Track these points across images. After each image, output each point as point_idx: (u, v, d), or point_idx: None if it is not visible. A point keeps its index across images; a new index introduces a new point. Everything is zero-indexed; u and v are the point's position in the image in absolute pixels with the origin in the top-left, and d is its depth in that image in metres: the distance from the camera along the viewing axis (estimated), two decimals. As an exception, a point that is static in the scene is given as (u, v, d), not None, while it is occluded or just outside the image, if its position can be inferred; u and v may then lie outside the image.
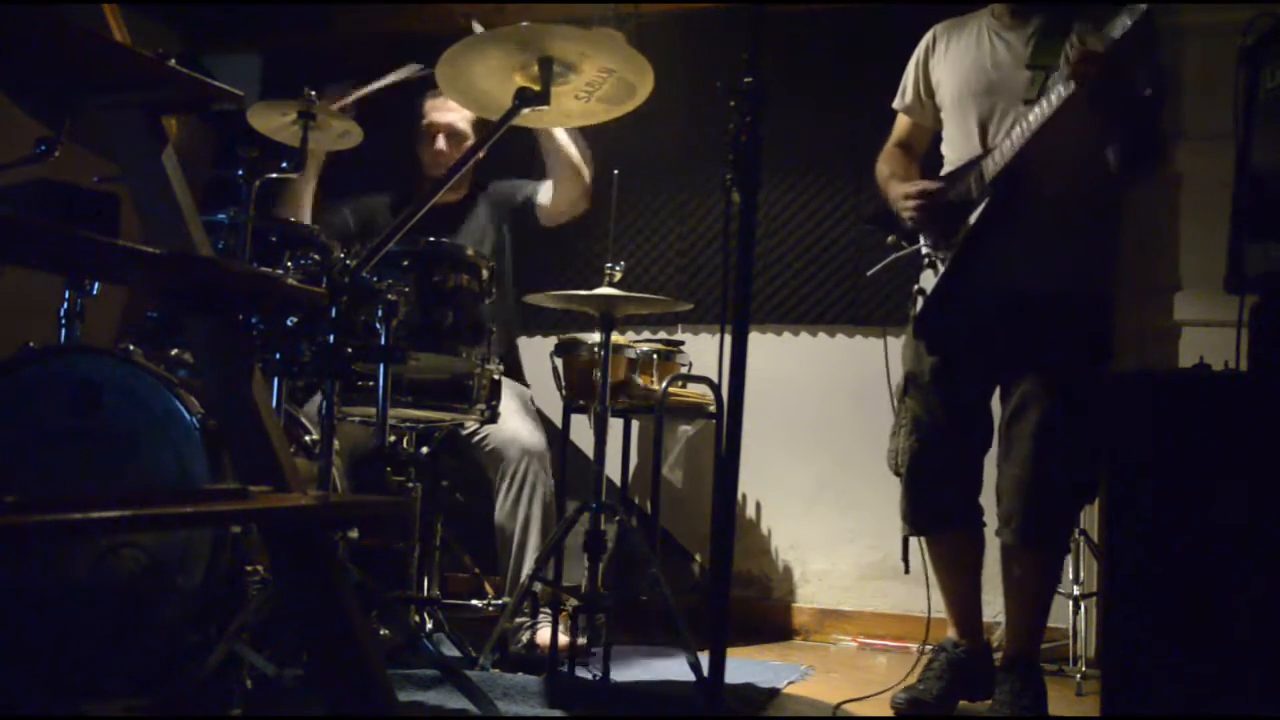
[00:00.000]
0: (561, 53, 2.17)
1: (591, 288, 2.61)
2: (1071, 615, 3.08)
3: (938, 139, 2.68)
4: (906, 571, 2.62)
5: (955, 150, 2.58)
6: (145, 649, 2.13)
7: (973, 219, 2.44)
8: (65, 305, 2.39)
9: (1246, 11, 1.99)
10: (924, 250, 2.57)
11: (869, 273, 2.80)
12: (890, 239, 2.64)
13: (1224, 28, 2.93)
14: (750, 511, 3.74)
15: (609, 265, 2.61)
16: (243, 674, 2.06)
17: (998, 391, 2.57)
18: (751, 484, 3.71)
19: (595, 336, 2.81)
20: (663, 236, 3.88)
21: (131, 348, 2.28)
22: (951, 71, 2.58)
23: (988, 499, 2.61)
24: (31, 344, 2.30)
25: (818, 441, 3.65)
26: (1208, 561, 2.16)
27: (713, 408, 3.29)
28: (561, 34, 2.13)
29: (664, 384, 3.09)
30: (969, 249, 2.44)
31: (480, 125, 3.24)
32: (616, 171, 2.69)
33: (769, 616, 3.64)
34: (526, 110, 2.19)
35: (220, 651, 2.05)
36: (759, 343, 3.71)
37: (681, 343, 3.36)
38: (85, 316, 2.42)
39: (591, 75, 2.22)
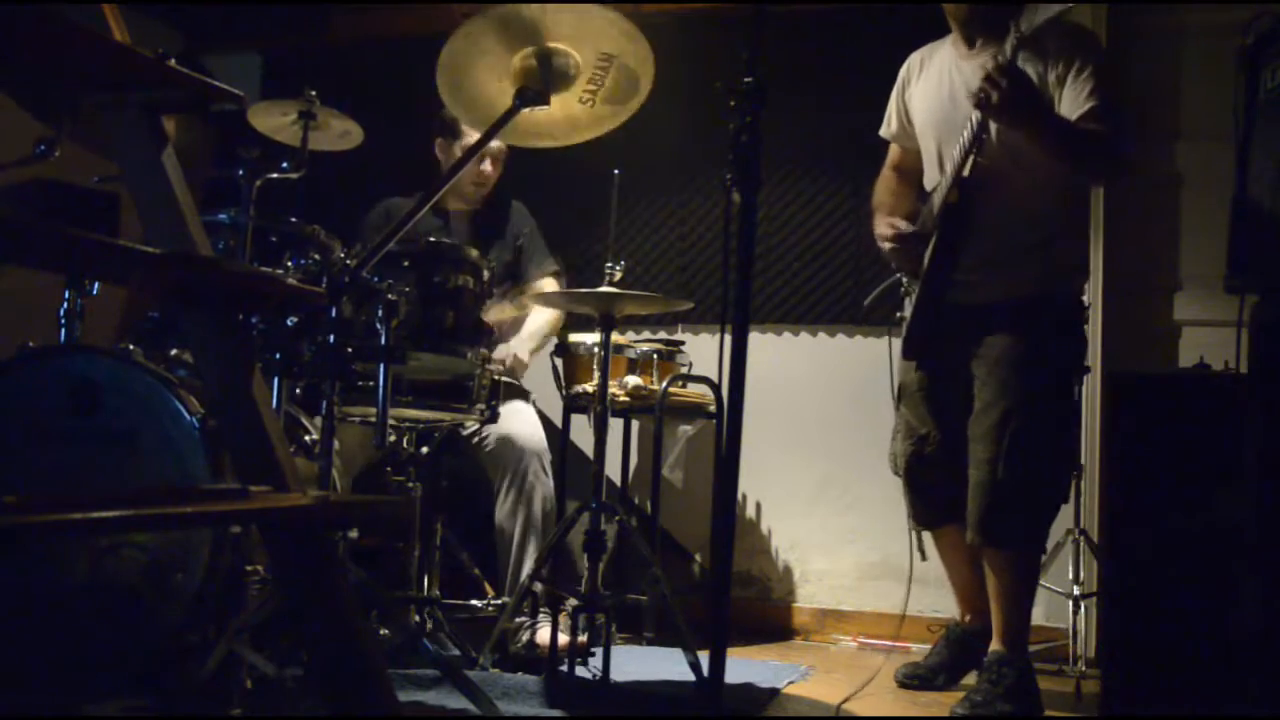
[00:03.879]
0: (558, 39, 2.16)
1: (591, 288, 2.61)
2: (1071, 615, 3.08)
3: None
4: (924, 559, 2.85)
5: (928, 178, 2.73)
6: (145, 649, 2.13)
7: (928, 252, 2.59)
8: (65, 305, 2.39)
9: (1246, 11, 1.99)
10: (902, 281, 2.76)
11: (865, 302, 3.06)
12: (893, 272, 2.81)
13: (1224, 28, 2.94)
14: (750, 511, 3.74)
15: (609, 265, 2.61)
16: (243, 674, 2.06)
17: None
18: (751, 484, 3.71)
19: (595, 336, 2.81)
20: (663, 236, 3.88)
21: (131, 348, 2.28)
22: (920, 102, 2.73)
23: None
24: (31, 344, 2.30)
25: (818, 441, 3.65)
26: (1208, 561, 2.16)
27: (713, 408, 3.28)
28: (555, 10, 2.12)
29: (664, 384, 3.09)
30: (930, 278, 2.60)
31: (508, 150, 3.32)
32: (616, 171, 2.69)
33: (769, 616, 3.64)
34: (527, 110, 2.19)
35: (220, 651, 2.05)
36: (759, 343, 3.71)
37: (681, 343, 3.36)
38: (85, 316, 2.41)
39: (591, 69, 2.22)
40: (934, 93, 2.68)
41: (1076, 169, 2.53)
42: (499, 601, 2.91)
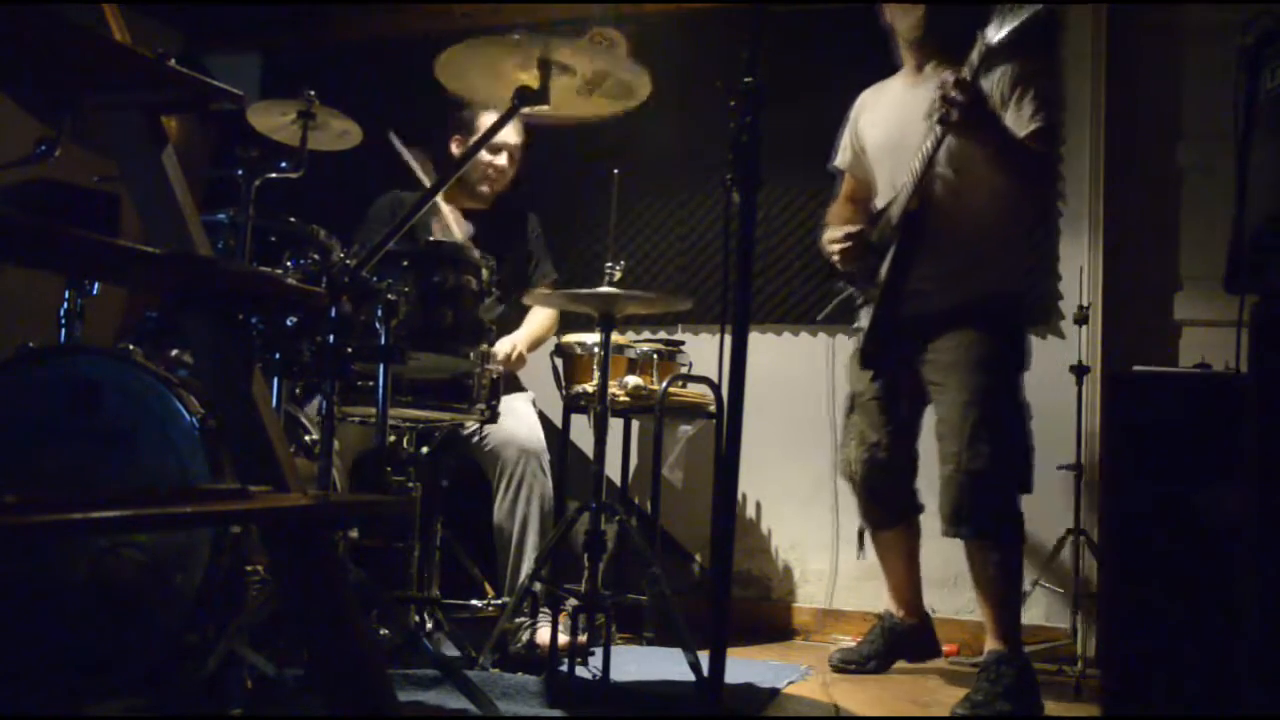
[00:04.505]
0: (557, 56, 2.18)
1: (591, 288, 2.61)
2: (1071, 615, 3.08)
3: None
4: (859, 557, 3.09)
5: (881, 200, 2.84)
6: (145, 649, 2.13)
7: (886, 261, 2.70)
8: (65, 305, 2.39)
9: (1246, 11, 1.99)
10: (858, 292, 2.87)
11: (819, 317, 3.18)
12: (841, 286, 2.93)
13: (1224, 28, 2.94)
14: (750, 511, 3.74)
15: (609, 265, 2.61)
16: (243, 674, 2.06)
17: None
18: (751, 484, 3.71)
19: (595, 336, 2.81)
20: (663, 236, 3.88)
21: (131, 348, 2.28)
22: (872, 130, 2.89)
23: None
24: (31, 344, 2.30)
25: (817, 441, 3.65)
26: (1208, 561, 2.16)
27: (713, 408, 3.28)
28: (556, 44, 2.13)
29: (664, 384, 3.09)
30: (889, 286, 2.70)
31: (524, 146, 3.35)
32: (616, 171, 2.68)
33: (769, 616, 3.64)
34: (526, 109, 2.19)
35: (220, 651, 2.05)
36: (759, 343, 3.71)
37: (681, 343, 3.36)
38: (85, 316, 2.42)
39: (589, 75, 2.23)
40: (886, 121, 2.82)
41: (1018, 182, 2.65)
42: (499, 601, 2.91)
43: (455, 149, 3.37)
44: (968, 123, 2.46)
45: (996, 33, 2.41)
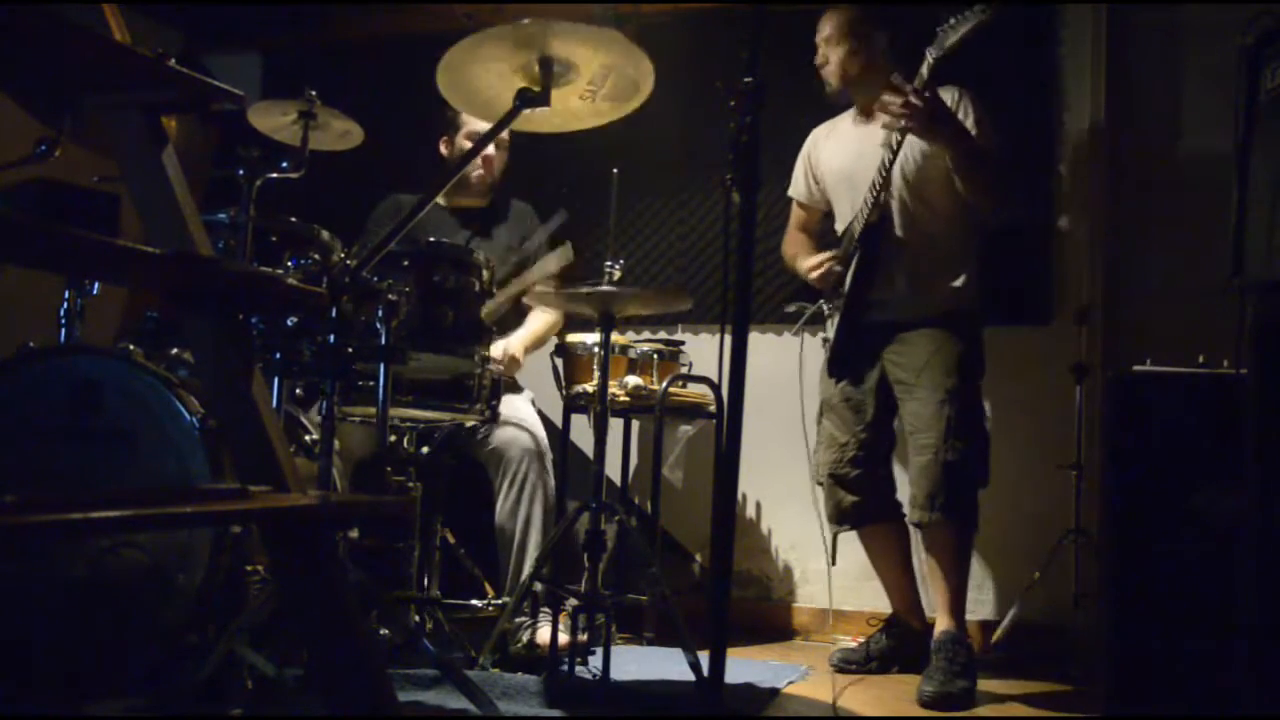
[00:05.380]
0: (560, 51, 2.17)
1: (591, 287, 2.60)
2: (1072, 615, 3.08)
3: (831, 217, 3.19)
4: (833, 563, 3.17)
5: (840, 224, 3.09)
6: (145, 649, 2.13)
7: (850, 272, 2.91)
8: (65, 305, 2.39)
9: (1246, 11, 1.99)
10: (824, 305, 3.07)
11: (793, 333, 3.29)
12: (792, 307, 3.21)
13: (1224, 27, 2.94)
14: (750, 511, 3.74)
15: (608, 264, 2.61)
16: (243, 674, 2.06)
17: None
18: (751, 484, 3.71)
19: (595, 336, 2.81)
20: (663, 236, 3.87)
21: (131, 348, 2.28)
22: (828, 162, 3.12)
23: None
24: (31, 344, 2.30)
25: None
26: (1208, 561, 2.16)
27: (713, 408, 3.28)
28: (557, 31, 2.13)
29: (664, 384, 3.09)
30: (854, 296, 2.91)
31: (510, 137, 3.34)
32: (616, 171, 2.68)
33: (769, 616, 3.64)
34: (528, 111, 2.19)
35: (220, 651, 2.05)
36: (759, 343, 3.71)
37: (681, 343, 3.35)
38: (85, 316, 2.42)
39: (592, 73, 2.23)
40: (844, 152, 3.05)
41: (976, 187, 2.80)
42: (499, 601, 2.91)
43: (443, 149, 3.37)
44: (930, 122, 2.66)
45: (940, 49, 2.63)
